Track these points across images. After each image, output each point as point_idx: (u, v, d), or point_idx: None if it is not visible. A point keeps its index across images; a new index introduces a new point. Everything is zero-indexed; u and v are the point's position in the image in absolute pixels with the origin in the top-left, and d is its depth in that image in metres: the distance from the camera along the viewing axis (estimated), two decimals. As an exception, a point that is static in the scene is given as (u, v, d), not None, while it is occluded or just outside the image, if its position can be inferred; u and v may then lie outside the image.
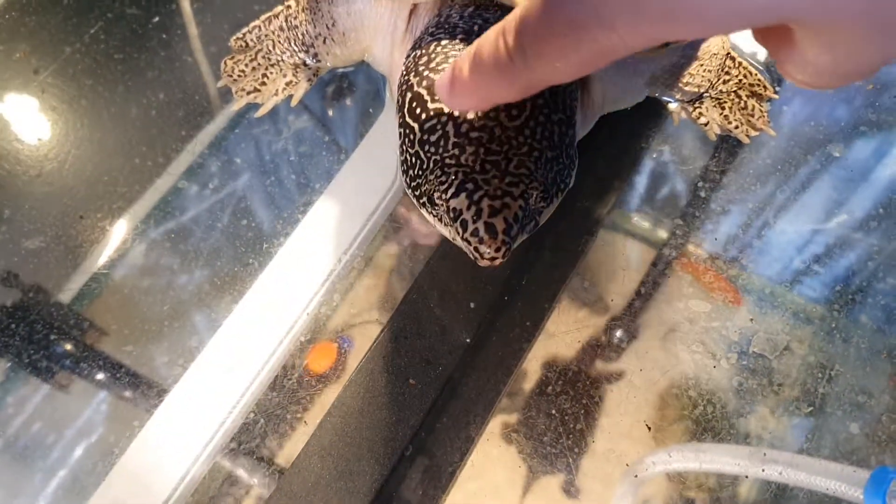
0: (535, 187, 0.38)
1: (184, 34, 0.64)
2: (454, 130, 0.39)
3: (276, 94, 0.59)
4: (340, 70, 0.63)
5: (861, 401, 0.56)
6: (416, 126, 0.40)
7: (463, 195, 0.37)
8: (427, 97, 0.40)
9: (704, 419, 0.55)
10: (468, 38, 0.43)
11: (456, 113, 0.39)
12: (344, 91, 0.65)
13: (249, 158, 0.62)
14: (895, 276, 0.61)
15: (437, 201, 0.38)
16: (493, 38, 0.30)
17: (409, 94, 0.42)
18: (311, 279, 0.58)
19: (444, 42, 0.43)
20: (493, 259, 0.37)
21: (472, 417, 0.54)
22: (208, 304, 0.57)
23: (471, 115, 0.39)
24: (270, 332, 0.56)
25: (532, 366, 0.57)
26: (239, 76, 0.59)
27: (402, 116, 0.42)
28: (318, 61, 0.58)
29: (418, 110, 0.40)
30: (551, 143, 0.40)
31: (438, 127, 0.39)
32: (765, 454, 0.53)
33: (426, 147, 0.39)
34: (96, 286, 0.58)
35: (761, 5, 0.25)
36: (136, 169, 0.60)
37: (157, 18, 0.64)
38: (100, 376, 0.56)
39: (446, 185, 0.38)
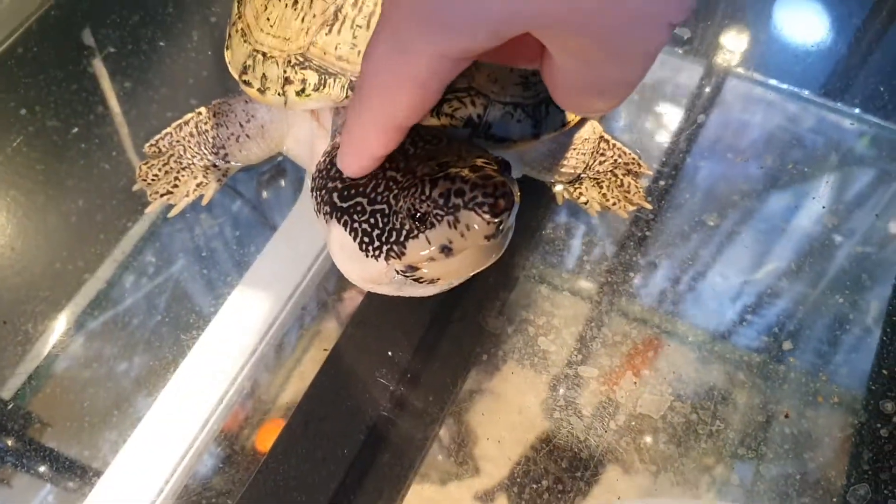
0: (490, 156, 0.40)
1: (102, 143, 0.69)
2: (395, 169, 0.41)
3: (187, 195, 0.63)
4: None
5: (798, 445, 0.58)
6: (359, 199, 0.42)
7: (441, 179, 0.37)
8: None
9: (649, 468, 0.57)
10: None
11: (387, 164, 0.41)
12: (278, 175, 0.69)
13: (185, 246, 0.66)
14: (822, 320, 0.63)
15: (421, 206, 0.38)
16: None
17: (334, 192, 0.43)
18: (227, 367, 0.60)
19: None
20: (503, 187, 0.35)
21: (381, 494, 0.56)
22: (149, 390, 0.60)
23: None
24: (189, 421, 0.59)
25: (482, 430, 0.59)
26: (153, 180, 0.64)
27: (340, 209, 0.43)
28: (228, 162, 0.63)
29: (352, 190, 0.42)
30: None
31: (381, 178, 0.41)
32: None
33: (380, 197, 0.40)
34: (35, 383, 0.61)
35: (501, 16, 0.28)
36: (57, 273, 0.64)
37: (76, 129, 0.69)
38: (42, 469, 0.58)
39: (420, 188, 0.38)
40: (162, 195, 0.63)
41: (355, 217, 0.42)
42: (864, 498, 0.55)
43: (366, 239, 0.41)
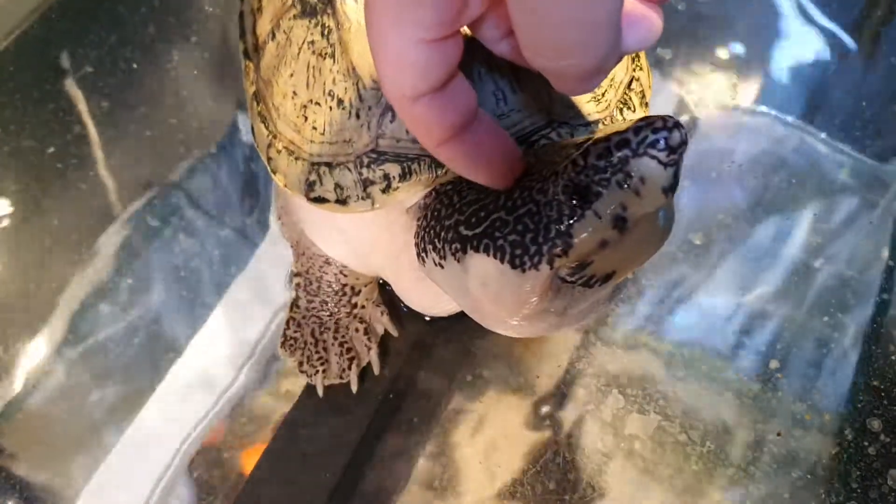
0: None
1: (78, 163, 0.69)
2: (525, 174, 0.37)
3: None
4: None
5: (788, 464, 0.59)
6: (496, 215, 0.38)
7: (590, 147, 0.32)
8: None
9: (639, 489, 0.58)
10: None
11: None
12: (251, 196, 0.69)
13: (158, 271, 0.66)
14: (809, 340, 0.64)
15: (579, 179, 0.33)
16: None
17: (459, 226, 0.40)
18: (206, 390, 0.61)
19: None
20: (671, 119, 0.31)
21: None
22: (124, 415, 0.60)
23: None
24: (165, 447, 0.59)
25: (467, 453, 0.59)
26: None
27: (475, 235, 0.39)
28: (356, 293, 0.61)
29: (482, 213, 0.39)
30: None
31: (512, 188, 0.37)
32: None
33: (521, 201, 0.36)
34: (5, 409, 0.60)
35: None
36: (31, 294, 0.63)
37: (52, 149, 0.69)
38: (10, 503, 0.57)
39: (571, 165, 0.33)
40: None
41: (497, 234, 0.37)
42: (854, 517, 0.56)
43: (518, 250, 0.36)
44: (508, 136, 0.38)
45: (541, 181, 0.35)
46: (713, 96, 0.78)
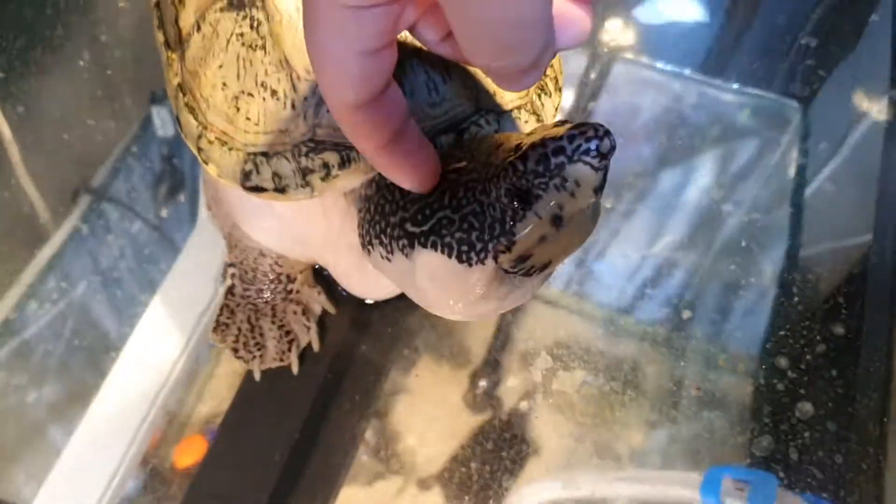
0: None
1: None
2: (464, 172, 0.39)
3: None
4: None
5: (705, 406, 0.63)
6: (441, 213, 0.40)
7: (529, 151, 0.35)
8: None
9: (569, 441, 0.61)
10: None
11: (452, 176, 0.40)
12: (176, 187, 0.70)
13: (88, 271, 0.66)
14: (717, 288, 0.68)
15: (521, 183, 0.35)
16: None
17: (406, 223, 0.42)
18: (147, 384, 0.62)
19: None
20: (602, 127, 0.33)
21: (315, 496, 0.59)
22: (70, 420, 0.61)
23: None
24: (113, 447, 0.60)
25: (406, 426, 0.62)
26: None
27: (422, 233, 0.41)
28: (291, 280, 0.63)
29: (427, 210, 0.41)
30: None
31: (455, 186, 0.39)
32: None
33: (466, 200, 0.39)
34: None
35: None
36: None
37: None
38: None
39: (512, 168, 0.36)
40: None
41: (444, 232, 0.40)
42: (767, 448, 0.60)
43: (464, 247, 0.39)
44: (430, 143, 0.40)
45: (482, 182, 0.38)
46: (616, 58, 0.81)
